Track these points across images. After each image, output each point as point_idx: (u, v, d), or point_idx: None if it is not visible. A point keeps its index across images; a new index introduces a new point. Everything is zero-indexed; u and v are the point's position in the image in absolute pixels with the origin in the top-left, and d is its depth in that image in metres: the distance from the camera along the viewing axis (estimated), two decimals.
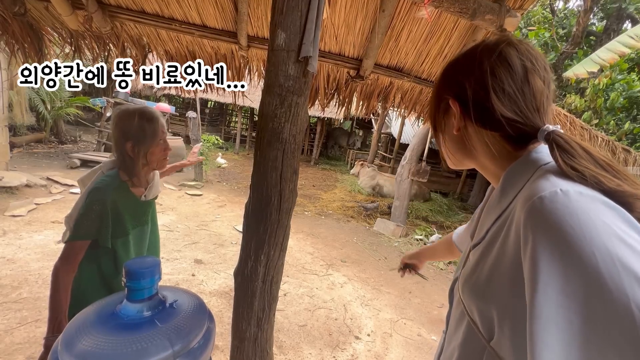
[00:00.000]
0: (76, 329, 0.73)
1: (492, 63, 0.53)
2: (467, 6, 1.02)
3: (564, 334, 0.36)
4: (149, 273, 0.77)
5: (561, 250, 0.37)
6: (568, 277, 0.37)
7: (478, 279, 0.53)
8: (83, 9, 1.26)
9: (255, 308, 1.22)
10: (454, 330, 0.63)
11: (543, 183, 0.43)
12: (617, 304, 0.34)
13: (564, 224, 0.38)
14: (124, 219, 1.17)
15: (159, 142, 1.18)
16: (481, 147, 0.57)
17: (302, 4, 0.93)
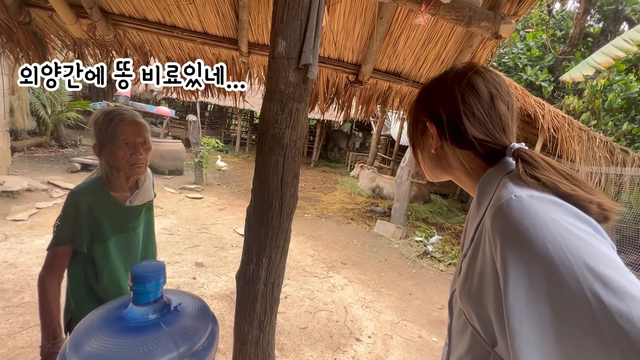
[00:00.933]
0: (83, 331, 0.75)
1: (462, 90, 0.59)
2: (462, 14, 1.05)
3: (538, 327, 0.39)
4: (154, 277, 0.79)
5: (521, 249, 0.41)
6: (532, 273, 0.40)
7: (471, 286, 0.56)
8: (87, 17, 1.29)
9: (257, 310, 1.23)
10: (457, 341, 0.64)
11: (503, 191, 0.48)
12: (573, 291, 0.37)
13: (520, 225, 0.42)
14: (102, 224, 1.11)
15: (121, 144, 1.08)
16: (456, 164, 0.63)
17: (302, 13, 0.96)
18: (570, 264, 0.38)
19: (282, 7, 0.95)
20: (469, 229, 0.63)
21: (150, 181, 1.29)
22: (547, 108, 4.47)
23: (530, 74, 7.17)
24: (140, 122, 1.14)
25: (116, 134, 1.08)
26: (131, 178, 1.17)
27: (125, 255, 1.21)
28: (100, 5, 1.30)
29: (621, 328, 0.34)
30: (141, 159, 1.13)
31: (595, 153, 4.79)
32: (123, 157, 1.09)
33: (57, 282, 1.06)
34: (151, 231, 1.36)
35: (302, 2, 0.95)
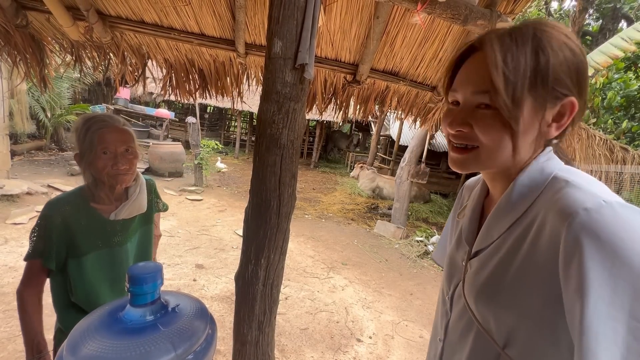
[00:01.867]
0: (80, 334, 0.75)
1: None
2: (459, 12, 1.04)
3: (611, 344, 0.37)
4: (151, 278, 0.78)
5: (612, 261, 0.38)
6: (616, 288, 0.38)
7: (498, 287, 0.51)
8: (84, 20, 1.29)
9: (257, 311, 1.23)
10: (458, 340, 0.61)
11: (577, 193, 0.44)
12: None
13: (615, 236, 0.38)
14: (77, 239, 1.03)
15: (100, 154, 1.01)
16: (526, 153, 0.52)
17: (298, 13, 0.96)
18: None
19: (277, 8, 0.95)
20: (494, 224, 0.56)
21: (144, 193, 1.18)
22: None
23: None
24: (123, 129, 1.07)
25: (94, 142, 1.00)
26: (117, 188, 1.09)
27: (108, 272, 1.11)
28: (97, 7, 1.31)
29: None
30: (123, 169, 1.05)
31: (595, 151, 4.80)
32: (103, 167, 1.01)
33: (35, 295, 1.01)
34: (147, 247, 1.26)
35: (297, 2, 0.95)
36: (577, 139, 4.67)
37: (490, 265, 0.54)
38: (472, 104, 0.52)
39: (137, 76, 1.56)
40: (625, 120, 6.65)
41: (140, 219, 1.20)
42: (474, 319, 0.56)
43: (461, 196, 0.80)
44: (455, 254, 0.68)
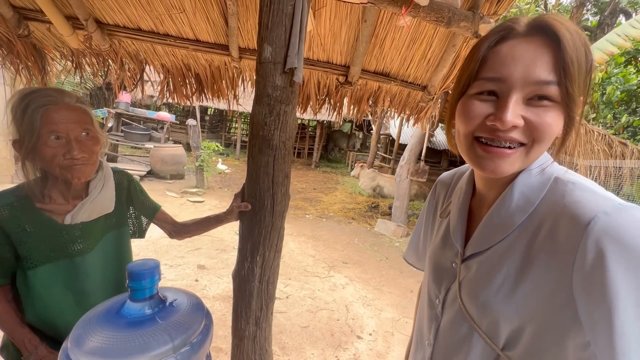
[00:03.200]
0: (84, 327, 0.80)
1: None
2: (442, 15, 1.08)
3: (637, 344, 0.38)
4: (149, 274, 0.83)
5: (636, 264, 0.38)
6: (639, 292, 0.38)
7: (499, 291, 0.50)
8: (83, 29, 1.34)
9: (253, 307, 1.27)
10: (452, 344, 0.59)
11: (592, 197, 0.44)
12: None
13: (637, 239, 0.39)
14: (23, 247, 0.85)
15: (47, 140, 0.79)
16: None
17: (286, 20, 1.00)
18: None
19: (266, 15, 0.99)
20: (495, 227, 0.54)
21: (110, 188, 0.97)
22: None
23: None
24: (77, 107, 0.85)
25: (35, 125, 0.77)
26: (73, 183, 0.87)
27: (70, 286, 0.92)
28: (95, 16, 1.36)
29: None
30: (81, 158, 0.83)
31: (594, 147, 4.80)
32: (53, 156, 0.80)
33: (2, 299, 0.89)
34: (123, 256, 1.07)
35: (285, 9, 0.99)
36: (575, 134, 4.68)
37: (494, 269, 0.52)
38: (526, 96, 0.46)
39: (135, 81, 1.61)
40: (625, 114, 6.65)
41: (107, 222, 0.99)
42: (470, 321, 0.55)
43: (435, 192, 0.78)
44: (441, 256, 0.65)
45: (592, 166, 4.82)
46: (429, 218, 0.79)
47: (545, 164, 0.51)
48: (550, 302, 0.45)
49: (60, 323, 0.91)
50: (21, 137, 0.80)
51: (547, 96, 0.45)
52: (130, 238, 1.13)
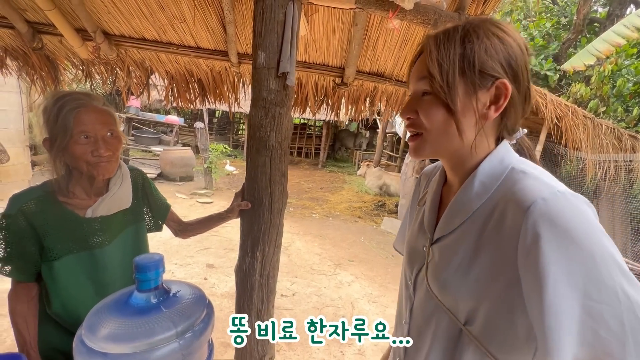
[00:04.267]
0: (95, 316, 0.87)
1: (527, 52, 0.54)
2: (428, 17, 1.13)
3: (568, 321, 0.42)
4: (154, 266, 0.90)
5: (567, 247, 0.42)
6: (571, 271, 0.42)
7: (460, 272, 0.55)
8: (92, 40, 1.43)
9: (255, 300, 1.34)
10: (423, 321, 0.64)
11: (536, 184, 0.47)
12: (608, 287, 0.41)
13: (569, 223, 0.42)
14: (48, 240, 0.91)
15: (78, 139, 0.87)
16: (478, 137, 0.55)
17: (278, 27, 1.06)
18: (608, 264, 0.41)
19: (260, 23, 1.05)
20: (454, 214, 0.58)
21: (127, 185, 1.04)
22: (549, 97, 4.45)
23: (535, 64, 7.08)
24: (104, 110, 0.93)
25: (69, 125, 0.85)
26: (97, 180, 0.94)
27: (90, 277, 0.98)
28: (103, 28, 1.44)
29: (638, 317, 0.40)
30: (107, 156, 0.91)
31: (602, 140, 4.71)
32: (82, 154, 0.88)
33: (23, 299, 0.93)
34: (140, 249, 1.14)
35: (277, 17, 1.05)
36: (583, 128, 4.60)
37: (453, 251, 0.56)
38: (418, 93, 0.58)
39: (142, 87, 1.70)
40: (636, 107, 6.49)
41: (125, 217, 1.06)
42: (435, 299, 0.59)
43: (419, 183, 0.83)
44: (415, 241, 0.70)
45: (600, 160, 4.73)
46: (413, 207, 0.83)
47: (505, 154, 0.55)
48: (500, 281, 0.49)
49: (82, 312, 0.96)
50: (53, 136, 0.87)
51: (425, 91, 0.56)
52: (147, 233, 1.19)
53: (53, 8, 1.26)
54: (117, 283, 1.05)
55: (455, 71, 0.52)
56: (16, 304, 0.92)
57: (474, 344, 0.53)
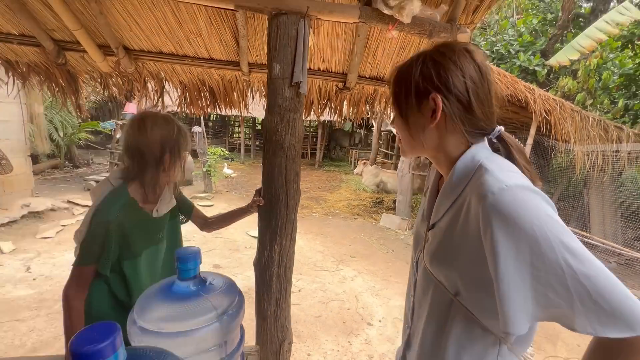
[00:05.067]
0: (144, 302, 0.99)
1: (470, 68, 0.63)
2: (424, 28, 1.26)
3: (521, 289, 0.51)
4: (193, 258, 1.02)
5: (513, 231, 0.51)
6: (519, 249, 0.51)
7: (444, 254, 0.66)
8: (113, 55, 1.53)
9: (274, 290, 1.46)
10: (422, 294, 0.75)
11: (489, 179, 0.55)
12: (551, 260, 0.49)
13: (511, 213, 0.51)
14: (133, 240, 1.06)
15: (184, 155, 1.13)
16: (442, 140, 0.66)
17: (291, 41, 1.18)
18: (550, 241, 0.49)
19: (274, 39, 1.18)
20: (440, 204, 0.69)
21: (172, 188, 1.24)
22: (538, 92, 4.61)
23: (524, 60, 7.29)
24: None
25: (186, 145, 1.10)
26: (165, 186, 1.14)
27: (152, 268, 1.16)
28: (124, 44, 1.55)
29: (582, 283, 0.48)
30: None
31: (590, 132, 4.87)
32: (179, 167, 1.11)
33: (80, 299, 1.02)
34: (177, 238, 1.32)
35: (290, 33, 1.18)
36: (571, 121, 4.77)
37: (438, 236, 0.67)
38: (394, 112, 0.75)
39: (157, 97, 1.81)
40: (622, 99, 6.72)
41: (171, 214, 1.25)
42: (432, 275, 0.70)
43: (428, 177, 0.93)
44: (419, 227, 0.80)
45: (589, 151, 4.90)
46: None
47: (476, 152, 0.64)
48: (473, 261, 0.59)
49: None
50: (166, 152, 1.05)
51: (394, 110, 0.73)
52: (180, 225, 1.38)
53: (80, 28, 1.37)
54: (165, 271, 1.24)
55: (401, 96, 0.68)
56: (76, 301, 1.01)
57: (462, 311, 0.64)
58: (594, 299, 0.47)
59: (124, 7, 1.40)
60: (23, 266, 3.58)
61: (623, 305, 0.47)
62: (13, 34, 1.50)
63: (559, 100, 4.69)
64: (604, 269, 0.49)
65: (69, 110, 1.85)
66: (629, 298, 0.47)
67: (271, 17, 1.19)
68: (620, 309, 0.47)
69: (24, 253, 3.88)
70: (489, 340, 0.64)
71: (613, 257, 5.00)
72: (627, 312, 0.47)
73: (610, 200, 5.71)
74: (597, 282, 0.48)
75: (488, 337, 0.64)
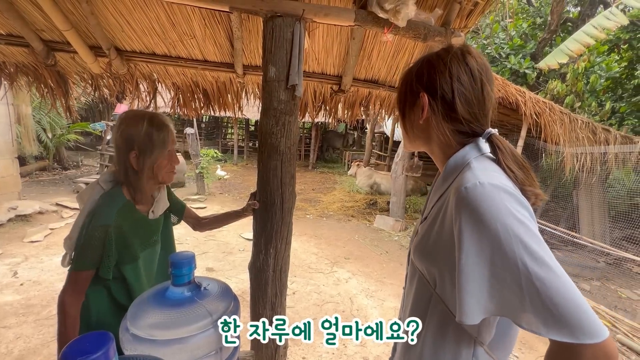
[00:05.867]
0: (137, 308, 0.97)
1: (460, 70, 0.65)
2: (419, 32, 1.26)
3: (477, 283, 0.54)
4: (187, 263, 1.00)
5: (477, 226, 0.53)
6: (481, 245, 0.53)
7: (426, 246, 0.68)
8: (105, 56, 1.51)
9: (269, 294, 1.44)
10: (409, 285, 0.79)
11: (468, 175, 0.58)
12: (509, 259, 0.51)
13: (479, 208, 0.53)
14: (132, 242, 1.05)
15: (166, 152, 1.05)
16: (436, 137, 0.70)
17: (287, 44, 1.18)
18: (511, 240, 0.51)
19: (270, 41, 1.17)
20: (431, 198, 0.73)
21: (165, 188, 1.22)
22: (528, 95, 4.69)
23: (514, 63, 7.40)
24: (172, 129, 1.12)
25: (166, 142, 1.04)
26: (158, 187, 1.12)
27: (149, 270, 1.15)
28: (116, 45, 1.52)
29: (535, 285, 0.49)
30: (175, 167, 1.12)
31: (578, 134, 4.97)
32: (165, 165, 1.06)
33: (77, 305, 1.00)
34: (170, 240, 1.29)
35: (285, 35, 1.17)
36: (560, 124, 4.86)
37: (427, 228, 0.70)
38: None
39: (149, 99, 1.78)
40: (609, 101, 6.88)
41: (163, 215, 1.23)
42: (416, 268, 0.73)
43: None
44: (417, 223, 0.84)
45: (578, 153, 4.99)
46: None
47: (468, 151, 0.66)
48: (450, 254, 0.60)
49: None
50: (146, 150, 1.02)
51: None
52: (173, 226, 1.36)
53: (70, 28, 1.34)
54: (159, 273, 1.22)
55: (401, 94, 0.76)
56: (72, 307, 0.99)
57: (440, 306, 0.66)
58: (543, 301, 0.49)
59: (116, 8, 1.37)
60: (10, 271, 3.48)
61: (571, 312, 0.48)
62: (0, 34, 1.46)
63: (548, 103, 4.77)
64: (562, 276, 0.50)
65: (58, 111, 1.81)
66: (579, 307, 0.49)
67: (266, 19, 1.18)
68: (567, 316, 0.48)
69: (10, 257, 3.78)
70: (463, 339, 0.65)
71: (602, 257, 5.10)
72: (573, 319, 0.48)
73: (599, 201, 5.82)
74: (550, 286, 0.49)
75: (463, 335, 0.65)
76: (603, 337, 0.47)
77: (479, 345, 0.65)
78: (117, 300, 1.08)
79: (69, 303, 0.99)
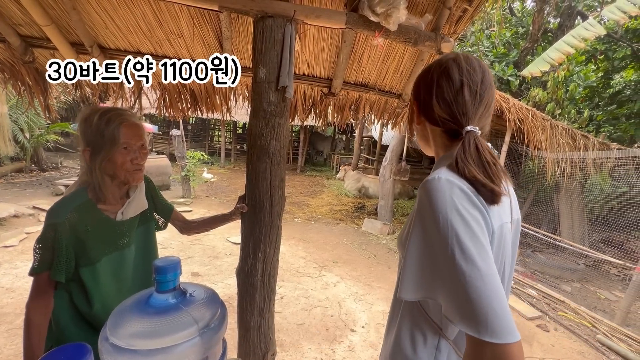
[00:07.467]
0: (118, 317, 0.92)
1: (438, 76, 0.71)
2: (409, 36, 1.27)
3: (415, 262, 0.62)
4: (173, 269, 0.96)
5: (424, 213, 0.61)
6: (424, 228, 0.61)
7: (401, 235, 0.77)
8: (87, 53, 1.45)
9: (257, 300, 1.41)
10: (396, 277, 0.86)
11: (435, 171, 0.66)
12: (442, 247, 0.57)
13: (430, 198, 0.60)
14: (88, 245, 0.98)
15: (121, 149, 0.97)
16: (432, 138, 0.77)
17: (277, 45, 1.16)
18: (447, 231, 0.57)
19: (260, 41, 1.15)
20: None
21: (143, 189, 1.15)
22: (512, 102, 4.82)
23: (498, 70, 7.62)
24: (139, 124, 1.04)
25: (116, 137, 0.96)
26: (125, 186, 1.06)
27: (117, 276, 1.07)
28: (99, 42, 1.47)
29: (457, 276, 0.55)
30: (142, 164, 1.04)
31: (559, 140, 5.15)
32: (123, 163, 0.98)
33: (41, 312, 0.94)
34: (151, 246, 1.22)
35: (276, 36, 1.16)
36: (542, 130, 5.02)
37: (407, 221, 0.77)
38: None
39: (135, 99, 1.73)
40: (587, 109, 7.16)
41: (141, 218, 1.16)
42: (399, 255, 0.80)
43: None
44: None
45: (558, 158, 5.16)
46: None
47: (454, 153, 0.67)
48: None
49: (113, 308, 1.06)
50: (97, 147, 0.96)
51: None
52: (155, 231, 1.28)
53: (50, 24, 1.28)
54: (136, 279, 1.15)
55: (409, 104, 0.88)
56: (35, 314, 0.94)
57: None
58: (460, 293, 0.54)
59: (100, 4, 1.32)
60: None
61: (481, 309, 0.52)
62: None
63: (531, 110, 4.92)
64: (487, 276, 0.54)
65: (36, 110, 1.73)
66: (491, 306, 0.52)
67: (257, 19, 1.16)
68: (477, 312, 0.52)
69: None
70: (430, 329, 0.71)
71: (581, 259, 5.26)
72: (480, 316, 0.52)
73: (578, 205, 6.02)
74: (469, 281, 0.54)
75: (431, 325, 0.71)
76: (507, 340, 0.50)
77: (443, 338, 0.70)
78: (78, 308, 1.01)
79: (31, 309, 0.93)
